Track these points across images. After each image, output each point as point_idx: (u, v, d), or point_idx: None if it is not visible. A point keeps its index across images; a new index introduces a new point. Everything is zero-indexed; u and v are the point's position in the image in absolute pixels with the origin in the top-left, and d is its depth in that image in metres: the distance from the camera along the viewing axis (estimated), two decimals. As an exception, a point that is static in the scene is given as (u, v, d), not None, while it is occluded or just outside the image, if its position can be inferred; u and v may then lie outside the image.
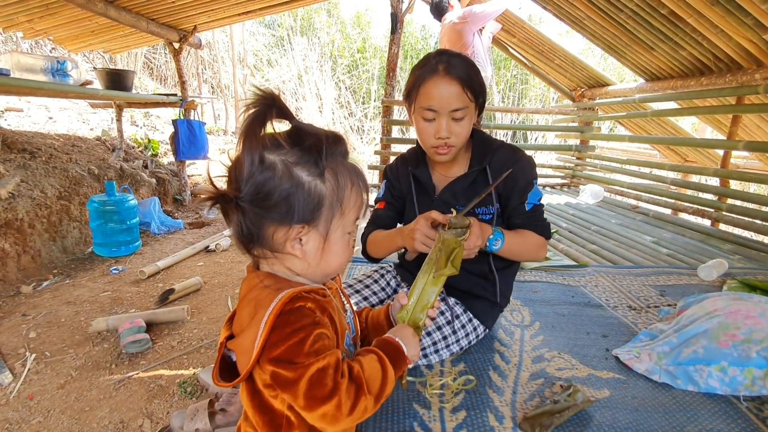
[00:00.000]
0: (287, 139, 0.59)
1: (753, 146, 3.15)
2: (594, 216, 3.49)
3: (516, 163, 1.17)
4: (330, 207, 0.61)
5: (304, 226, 0.61)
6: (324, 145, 0.60)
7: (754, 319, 1.16)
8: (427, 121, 1.10)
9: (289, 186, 0.58)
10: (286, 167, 0.58)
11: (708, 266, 1.95)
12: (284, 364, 0.57)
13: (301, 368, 0.56)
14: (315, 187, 0.60)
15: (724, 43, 2.79)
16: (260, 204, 0.58)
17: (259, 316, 0.58)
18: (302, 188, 0.59)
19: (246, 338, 0.59)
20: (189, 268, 2.84)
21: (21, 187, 2.73)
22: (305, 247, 0.62)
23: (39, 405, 1.53)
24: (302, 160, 0.59)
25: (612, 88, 4.45)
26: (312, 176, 0.59)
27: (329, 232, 0.63)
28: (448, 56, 1.08)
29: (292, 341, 0.57)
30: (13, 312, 2.16)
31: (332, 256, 0.65)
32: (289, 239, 0.61)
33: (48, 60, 2.96)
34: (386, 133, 4.52)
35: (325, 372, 0.57)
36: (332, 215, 0.62)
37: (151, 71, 7.71)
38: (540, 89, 9.96)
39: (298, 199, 0.59)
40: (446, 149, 1.12)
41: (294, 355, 0.57)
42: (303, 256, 0.63)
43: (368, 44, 10.06)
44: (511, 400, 1.03)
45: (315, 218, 0.61)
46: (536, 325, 1.45)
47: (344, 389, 0.57)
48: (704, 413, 1.01)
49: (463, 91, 1.06)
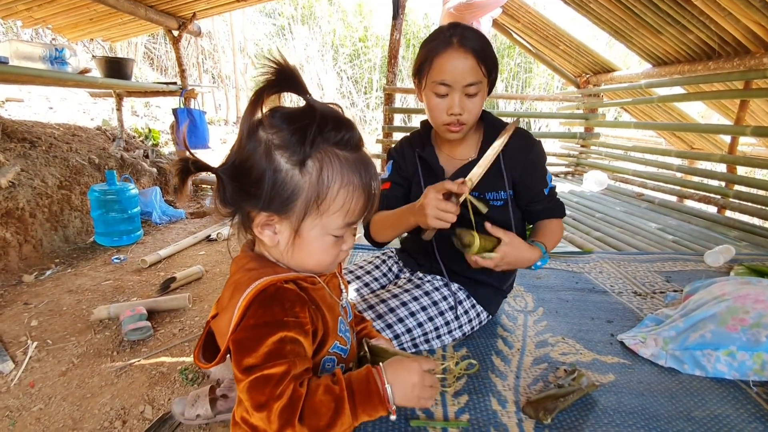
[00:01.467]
0: (284, 117, 0.54)
1: (761, 131, 3.09)
2: (598, 204, 3.46)
3: (531, 149, 1.15)
4: (305, 202, 0.55)
5: (273, 216, 0.56)
6: (313, 130, 0.53)
7: (764, 304, 1.13)
8: (440, 96, 1.06)
9: (265, 169, 0.54)
10: (267, 148, 0.54)
11: (715, 252, 1.92)
12: (239, 354, 0.55)
13: (248, 368, 0.54)
14: (291, 177, 0.54)
15: (732, 26, 2.73)
16: (237, 178, 0.55)
17: (234, 300, 0.56)
18: (278, 175, 0.54)
19: (223, 320, 0.58)
20: (191, 257, 2.83)
21: (21, 176, 2.72)
22: (278, 236, 0.58)
23: (40, 392, 1.53)
24: (286, 143, 0.54)
25: (618, 74, 4.37)
26: (291, 164, 0.54)
27: (301, 229, 0.57)
28: (461, 29, 1.04)
29: (252, 334, 0.55)
30: (15, 301, 2.16)
31: (306, 254, 0.59)
32: (264, 225, 0.57)
33: (46, 48, 2.93)
34: (388, 122, 4.47)
35: (268, 380, 0.53)
36: (306, 212, 0.56)
37: (151, 61, 7.66)
38: (544, 77, 9.85)
39: (269, 185, 0.54)
40: (458, 127, 1.08)
41: (249, 350, 0.54)
42: (274, 244, 0.59)
43: (370, 33, 9.95)
44: (514, 384, 1.02)
45: (286, 211, 0.56)
46: (540, 310, 1.43)
47: (276, 407, 0.53)
48: (712, 398, 0.99)
49: (478, 65, 1.02)
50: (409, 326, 1.11)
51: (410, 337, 1.12)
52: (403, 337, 1.11)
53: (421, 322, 1.13)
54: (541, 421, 0.88)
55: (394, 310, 1.11)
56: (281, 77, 0.53)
